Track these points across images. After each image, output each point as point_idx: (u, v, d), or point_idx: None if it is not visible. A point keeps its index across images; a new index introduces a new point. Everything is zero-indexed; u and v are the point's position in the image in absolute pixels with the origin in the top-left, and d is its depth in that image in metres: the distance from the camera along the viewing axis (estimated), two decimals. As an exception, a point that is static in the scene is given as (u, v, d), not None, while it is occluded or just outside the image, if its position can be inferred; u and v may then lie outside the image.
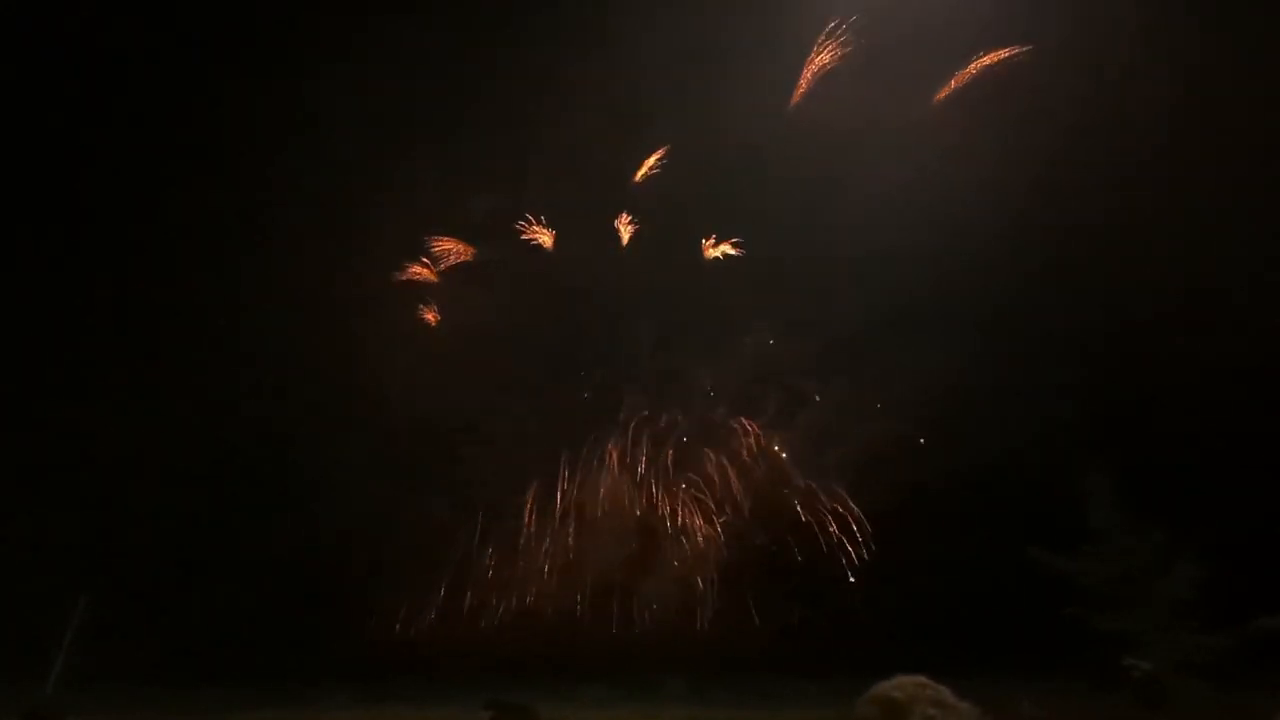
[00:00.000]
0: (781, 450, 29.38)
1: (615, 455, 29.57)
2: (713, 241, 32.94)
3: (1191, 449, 21.70)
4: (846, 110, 29.10)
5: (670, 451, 29.84)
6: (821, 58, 29.92)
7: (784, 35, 30.37)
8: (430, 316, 32.75)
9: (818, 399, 30.18)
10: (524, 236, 33.19)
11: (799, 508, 28.45)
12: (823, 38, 29.72)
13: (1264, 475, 20.26)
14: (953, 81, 28.91)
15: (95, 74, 27.32)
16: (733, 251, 32.83)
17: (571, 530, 28.55)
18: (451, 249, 32.94)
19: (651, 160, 32.62)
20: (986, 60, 28.39)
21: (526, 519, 28.52)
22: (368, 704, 17.00)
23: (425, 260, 32.67)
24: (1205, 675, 10.86)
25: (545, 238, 33.28)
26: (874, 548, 27.46)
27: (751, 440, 29.98)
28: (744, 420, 30.29)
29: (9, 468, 21.53)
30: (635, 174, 32.84)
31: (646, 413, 30.45)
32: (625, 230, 32.90)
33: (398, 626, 26.90)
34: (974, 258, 26.87)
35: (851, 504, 27.41)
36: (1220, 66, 23.38)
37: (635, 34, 28.54)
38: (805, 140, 29.74)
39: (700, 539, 29.24)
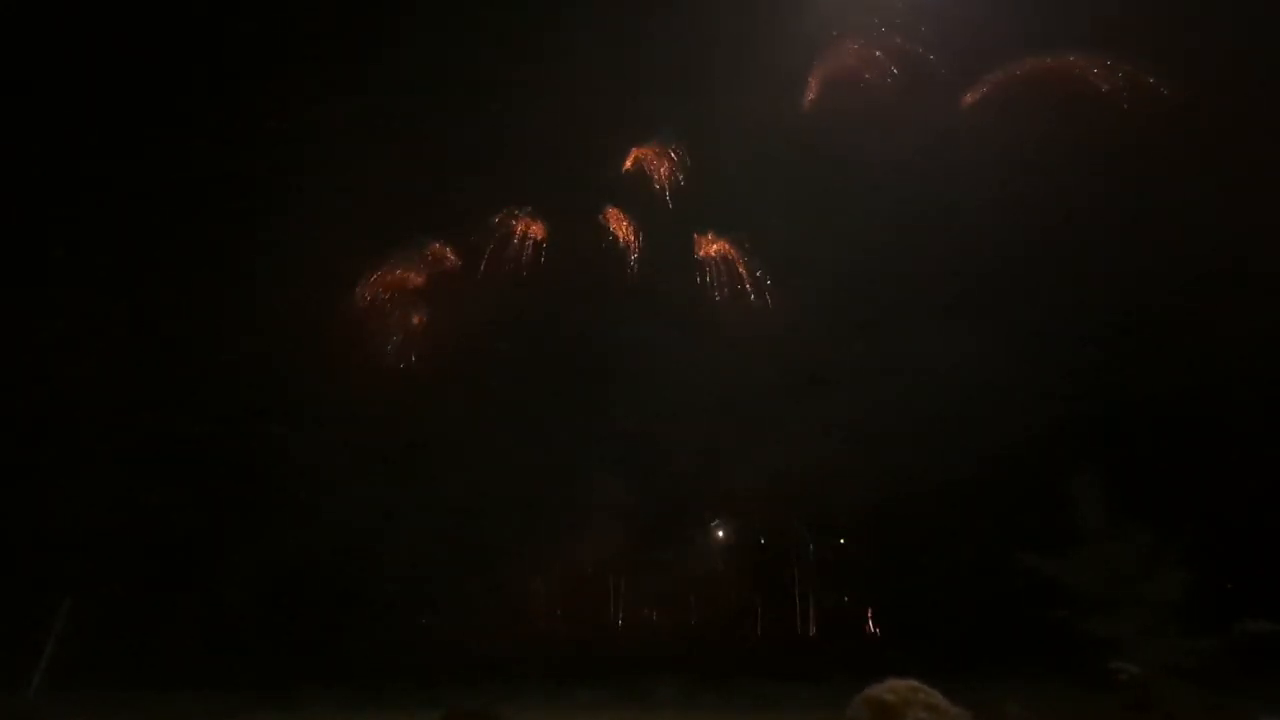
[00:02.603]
0: (773, 451, 29.36)
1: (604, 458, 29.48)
2: (711, 237, 32.77)
3: (1179, 452, 21.85)
4: (858, 110, 29.31)
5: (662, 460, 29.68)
6: (835, 56, 30.08)
7: (798, 32, 30.52)
8: (417, 320, 32.60)
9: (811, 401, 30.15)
10: (514, 232, 33.02)
11: (790, 511, 28.50)
12: (837, 36, 29.90)
13: (1251, 478, 20.43)
14: (969, 92, 29.12)
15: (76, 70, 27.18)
16: (730, 252, 32.76)
17: (561, 536, 28.48)
18: (439, 251, 32.79)
19: (647, 151, 32.52)
20: (1009, 67, 28.57)
21: (516, 523, 28.43)
22: (353, 709, 16.89)
23: (412, 263, 32.52)
24: (1192, 678, 10.89)
25: (536, 230, 33.04)
26: (866, 551, 27.54)
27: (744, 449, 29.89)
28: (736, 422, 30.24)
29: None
30: (626, 161, 32.70)
31: (638, 418, 30.31)
32: (619, 227, 32.80)
33: (387, 631, 26.73)
34: (965, 260, 27.09)
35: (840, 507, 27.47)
36: (1242, 68, 23.59)
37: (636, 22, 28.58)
38: (810, 139, 29.90)
39: (692, 545, 29.26)
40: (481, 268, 32.98)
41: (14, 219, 25.86)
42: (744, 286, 32.30)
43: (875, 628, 28.44)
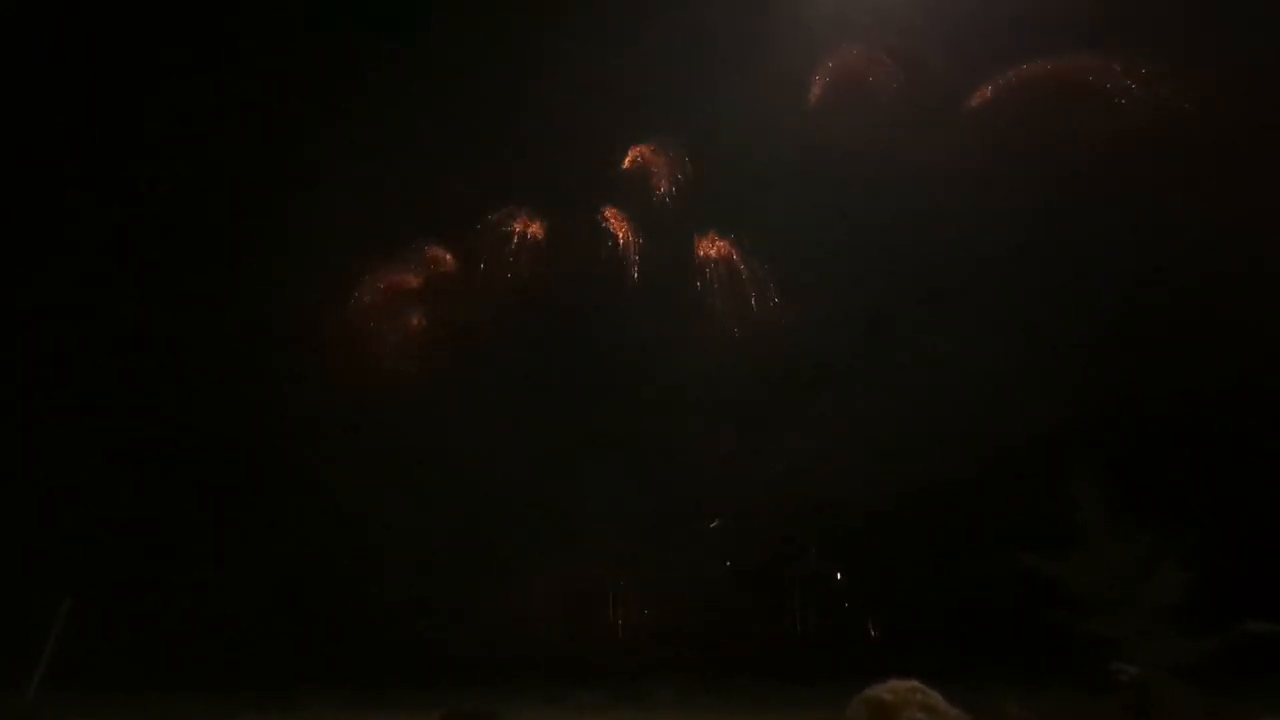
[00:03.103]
0: (774, 452, 29.36)
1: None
2: (712, 238, 32.69)
3: (1179, 451, 21.83)
4: (860, 111, 29.32)
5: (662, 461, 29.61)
6: (837, 56, 30.06)
7: (800, 32, 30.50)
8: (416, 321, 32.53)
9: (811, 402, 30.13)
10: (513, 231, 32.93)
11: (789, 512, 28.46)
12: (840, 36, 29.88)
13: (1252, 477, 20.41)
14: (972, 93, 29.10)
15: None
16: (731, 253, 32.67)
17: (561, 537, 28.45)
18: (437, 252, 32.72)
19: (647, 151, 32.44)
20: (1012, 69, 28.55)
21: (515, 524, 28.40)
22: (353, 709, 16.87)
23: (410, 264, 32.46)
24: (1193, 679, 10.86)
25: (536, 230, 32.96)
26: (866, 552, 27.51)
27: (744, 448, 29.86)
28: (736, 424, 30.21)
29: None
30: (626, 161, 32.63)
31: (638, 419, 30.26)
32: (618, 227, 32.73)
33: (387, 632, 26.72)
34: (966, 260, 27.09)
35: (840, 507, 27.43)
36: (1245, 68, 23.59)
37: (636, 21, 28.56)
38: (812, 140, 29.87)
39: (692, 546, 29.20)
40: (480, 268, 32.94)
41: (13, 219, 25.91)
42: (744, 287, 32.27)
43: (875, 628, 28.43)
